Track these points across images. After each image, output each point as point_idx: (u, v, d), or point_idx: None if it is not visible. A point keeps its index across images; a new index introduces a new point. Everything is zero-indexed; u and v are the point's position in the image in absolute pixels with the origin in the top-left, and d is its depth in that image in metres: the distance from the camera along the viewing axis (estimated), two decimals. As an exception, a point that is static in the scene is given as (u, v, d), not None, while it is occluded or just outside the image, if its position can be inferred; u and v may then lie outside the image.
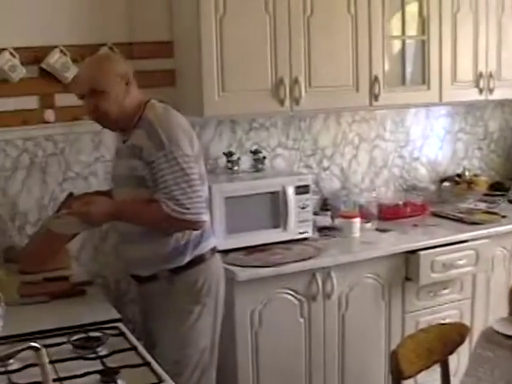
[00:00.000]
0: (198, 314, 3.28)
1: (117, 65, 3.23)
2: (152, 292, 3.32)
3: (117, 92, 3.16)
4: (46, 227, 3.60)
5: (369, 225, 4.52)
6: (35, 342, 2.52)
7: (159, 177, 3.08)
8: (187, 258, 3.25)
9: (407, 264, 4.20)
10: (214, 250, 3.39)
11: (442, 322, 3.86)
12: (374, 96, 4.35)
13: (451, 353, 3.13)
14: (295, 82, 4.11)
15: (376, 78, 4.32)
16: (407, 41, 4.65)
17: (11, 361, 2.50)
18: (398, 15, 4.53)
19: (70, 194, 3.77)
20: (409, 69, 4.65)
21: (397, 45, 4.62)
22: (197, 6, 3.85)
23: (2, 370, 2.49)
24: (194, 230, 3.21)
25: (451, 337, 3.14)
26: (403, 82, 4.67)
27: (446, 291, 4.37)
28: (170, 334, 3.27)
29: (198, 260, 3.29)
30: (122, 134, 3.32)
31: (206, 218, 3.20)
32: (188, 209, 3.08)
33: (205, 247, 3.32)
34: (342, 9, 4.20)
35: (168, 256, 3.23)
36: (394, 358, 2.88)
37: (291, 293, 3.92)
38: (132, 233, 3.25)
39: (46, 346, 2.59)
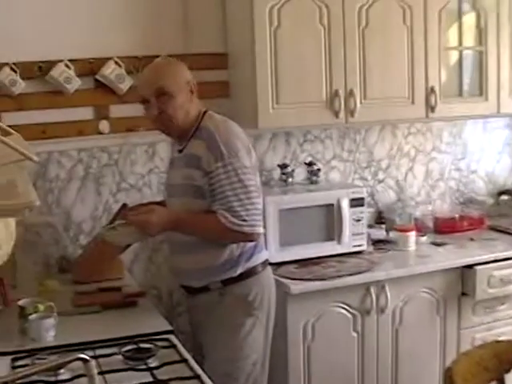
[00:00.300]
0: (250, 327, 3.25)
1: (184, 71, 3.24)
2: (203, 304, 3.30)
3: (183, 98, 3.16)
4: (100, 238, 3.62)
5: (424, 238, 4.46)
6: (86, 352, 2.55)
7: (217, 187, 3.07)
8: (239, 270, 3.23)
9: (463, 279, 4.13)
10: (265, 263, 3.36)
11: (499, 338, 3.77)
12: (430, 108, 4.29)
13: (508, 371, 3.06)
14: (350, 94, 4.08)
15: (432, 90, 4.26)
16: (464, 51, 4.58)
17: (62, 371, 2.51)
18: (455, 26, 4.47)
19: (124, 205, 3.79)
20: (466, 80, 4.58)
21: (454, 56, 4.56)
22: (251, 19, 3.85)
23: (53, 379, 2.50)
24: (250, 241, 3.20)
25: (508, 354, 3.07)
26: (460, 93, 4.60)
27: (503, 307, 4.27)
28: (221, 347, 3.24)
29: (250, 272, 3.26)
30: (178, 144, 3.31)
31: (261, 230, 3.19)
32: (245, 220, 3.07)
33: (257, 260, 3.29)
34: (397, 20, 4.16)
35: (221, 267, 3.21)
36: (448, 375, 2.82)
37: (345, 306, 3.88)
38: (185, 243, 3.24)
39: (96, 357, 2.64)
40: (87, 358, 1.85)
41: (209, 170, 3.08)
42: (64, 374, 2.52)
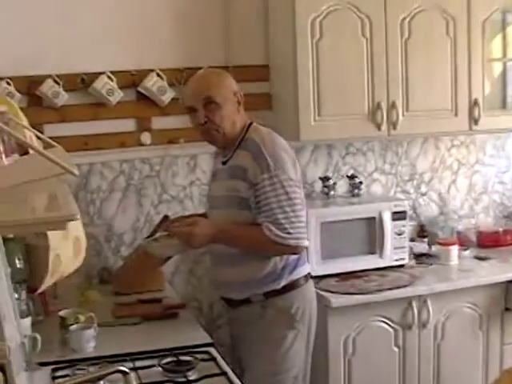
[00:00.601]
0: (292, 340, 3.22)
1: (232, 82, 3.23)
2: (244, 316, 3.27)
3: (230, 108, 3.15)
4: (141, 249, 3.63)
5: (467, 252, 4.40)
6: (126, 363, 2.55)
7: (262, 199, 3.05)
8: (282, 283, 3.20)
9: (507, 294, 4.06)
10: (307, 276, 3.33)
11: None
12: (473, 120, 4.24)
13: (552, 388, 3.01)
14: (392, 106, 4.05)
15: (476, 102, 4.21)
16: (508, 63, 4.52)
17: (101, 382, 2.50)
18: (499, 37, 4.42)
19: (166, 217, 3.79)
20: (510, 92, 4.51)
21: (497, 67, 4.50)
22: (293, 30, 3.85)
23: (92, 391, 2.49)
24: (294, 254, 3.17)
25: (552, 371, 3.02)
26: (504, 105, 4.54)
27: (547, 323, 4.21)
28: (262, 360, 3.21)
29: (293, 285, 3.23)
30: (222, 155, 3.29)
31: (306, 243, 3.15)
32: (290, 233, 3.04)
33: (300, 272, 3.26)
34: (440, 32, 4.12)
35: (264, 279, 3.18)
36: (491, 391, 2.78)
37: (386, 321, 3.84)
38: (227, 255, 3.21)
39: (136, 369, 2.64)
40: (127, 370, 1.85)
41: (255, 182, 3.06)
42: (103, 386, 2.52)
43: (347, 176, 4.41)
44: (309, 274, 3.35)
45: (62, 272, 2.50)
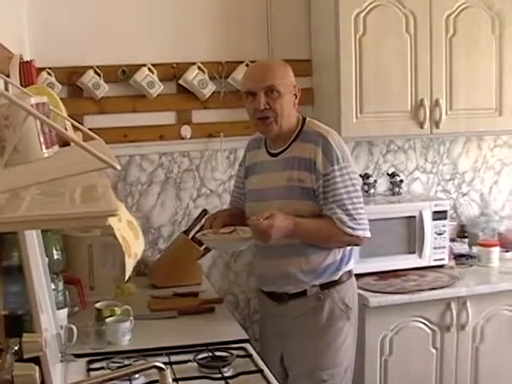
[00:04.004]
0: (347, 332, 3.19)
1: (292, 75, 3.21)
2: (294, 311, 3.19)
3: (288, 99, 3.13)
4: (177, 243, 3.61)
5: (509, 254, 4.34)
6: (161, 358, 2.56)
7: (331, 190, 3.03)
8: (340, 273, 3.18)
9: (548, 297, 4.00)
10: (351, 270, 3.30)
11: None
12: (518, 120, 4.18)
13: None
14: (436, 104, 4.00)
15: (521, 101, 4.15)
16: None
17: (136, 375, 2.49)
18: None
19: (204, 211, 3.77)
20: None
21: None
22: (336, 25, 3.82)
23: (127, 384, 2.49)
24: (357, 245, 3.23)
25: None
26: (550, 105, 4.47)
27: None
28: (314, 355, 3.15)
29: (346, 276, 3.21)
30: (270, 147, 3.25)
31: (370, 234, 3.14)
32: (359, 224, 3.06)
33: (352, 264, 3.26)
34: (485, 30, 4.07)
35: (325, 270, 3.14)
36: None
37: (424, 321, 3.79)
38: (283, 246, 3.10)
39: (171, 363, 2.62)
40: (163, 366, 1.82)
41: (324, 173, 3.04)
42: (139, 379, 2.51)
43: (388, 174, 4.36)
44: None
45: (134, 254, 2.49)
